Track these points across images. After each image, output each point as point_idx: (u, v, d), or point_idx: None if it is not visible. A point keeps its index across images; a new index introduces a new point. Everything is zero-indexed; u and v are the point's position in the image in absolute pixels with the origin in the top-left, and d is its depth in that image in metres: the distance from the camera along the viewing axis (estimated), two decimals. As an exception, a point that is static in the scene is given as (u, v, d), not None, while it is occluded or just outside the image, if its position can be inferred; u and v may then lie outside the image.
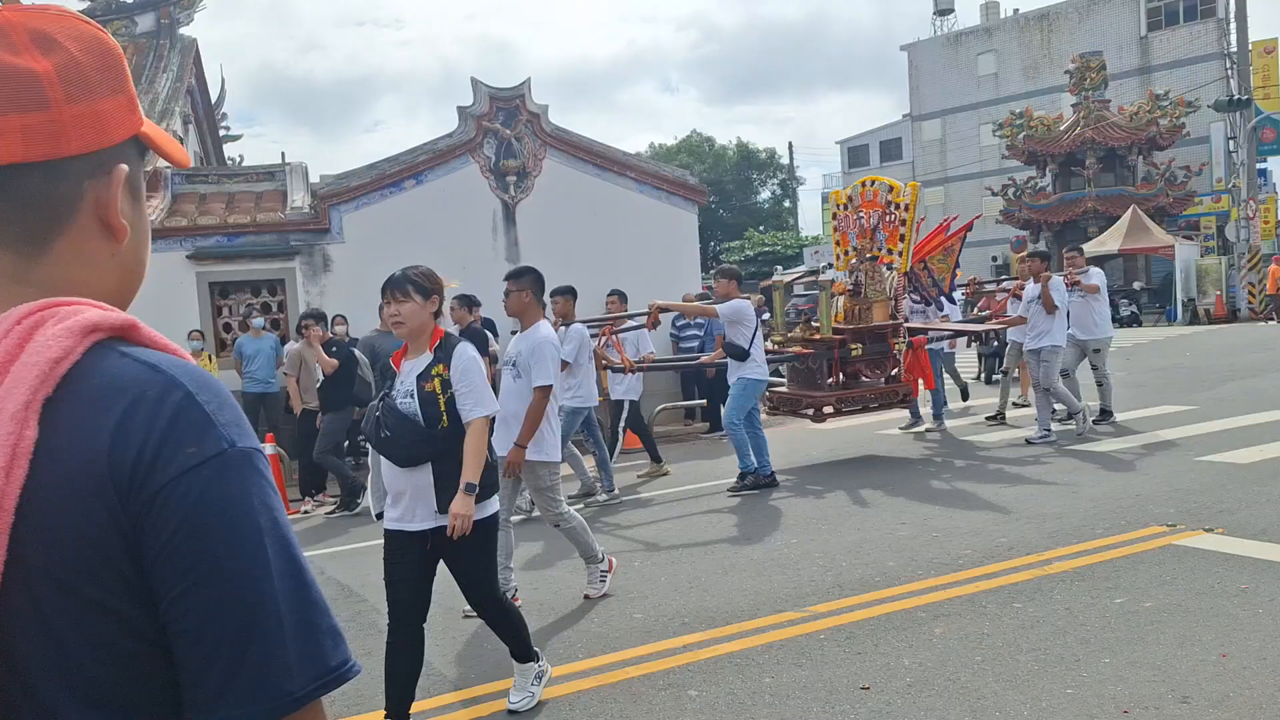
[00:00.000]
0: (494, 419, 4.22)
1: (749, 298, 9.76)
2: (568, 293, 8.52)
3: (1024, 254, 11.56)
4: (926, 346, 10.82)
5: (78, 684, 0.79)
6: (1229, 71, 32.25)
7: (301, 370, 9.90)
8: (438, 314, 3.92)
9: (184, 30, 17.10)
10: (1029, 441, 9.83)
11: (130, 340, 0.87)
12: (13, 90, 0.85)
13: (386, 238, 12.95)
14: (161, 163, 13.74)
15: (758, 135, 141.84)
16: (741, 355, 8.43)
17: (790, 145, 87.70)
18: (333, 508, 9.37)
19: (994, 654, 4.44)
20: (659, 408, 12.29)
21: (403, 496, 3.87)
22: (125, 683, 0.80)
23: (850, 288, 10.31)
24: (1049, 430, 9.93)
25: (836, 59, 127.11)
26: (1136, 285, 30.88)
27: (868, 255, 10.26)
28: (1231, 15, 29.35)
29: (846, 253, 10.65)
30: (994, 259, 39.78)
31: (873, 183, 10.44)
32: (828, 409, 9.88)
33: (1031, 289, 10.07)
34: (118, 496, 0.79)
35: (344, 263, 12.96)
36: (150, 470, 0.79)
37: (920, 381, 10.75)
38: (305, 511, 9.47)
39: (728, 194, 58.09)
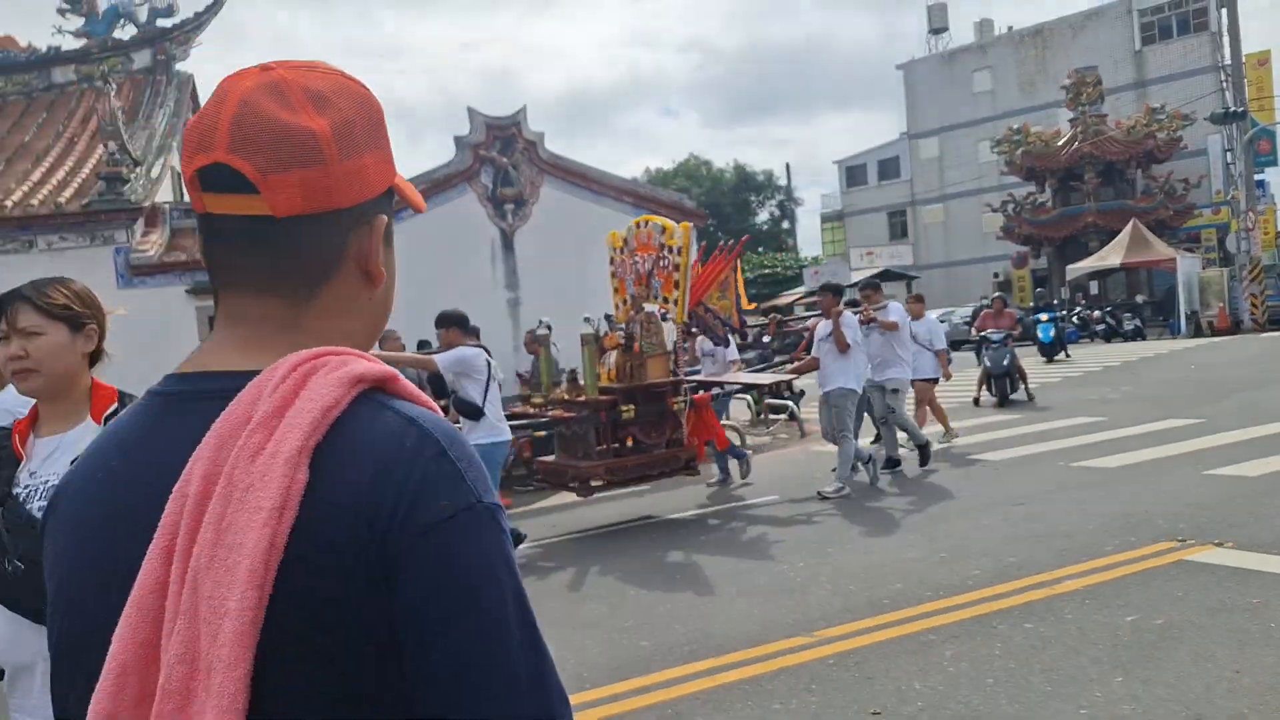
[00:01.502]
0: None
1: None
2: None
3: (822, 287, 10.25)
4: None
5: (318, 714, 0.82)
6: (1224, 84, 32.37)
7: None
8: (96, 357, 2.41)
9: (180, 66, 17.20)
10: (822, 495, 8.84)
11: (389, 392, 0.90)
12: (293, 148, 0.90)
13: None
14: (160, 198, 13.80)
15: (757, 157, 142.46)
16: (475, 414, 7.25)
17: (788, 166, 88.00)
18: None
19: (1006, 676, 4.37)
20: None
21: (34, 677, 2.30)
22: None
23: (622, 341, 8.95)
24: (844, 484, 8.96)
25: (834, 79, 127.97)
26: (1139, 299, 30.85)
27: (643, 304, 9.11)
28: (1224, 28, 29.52)
29: (625, 301, 9.40)
30: (996, 275, 39.78)
31: (646, 223, 9.32)
32: (595, 481, 8.64)
33: (824, 327, 9.24)
34: (374, 543, 0.82)
35: (344, 294, 12.97)
36: (406, 520, 0.82)
37: (711, 443, 9.82)
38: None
39: (726, 216, 58.24)
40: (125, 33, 17.06)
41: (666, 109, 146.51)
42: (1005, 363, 14.28)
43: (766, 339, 17.29)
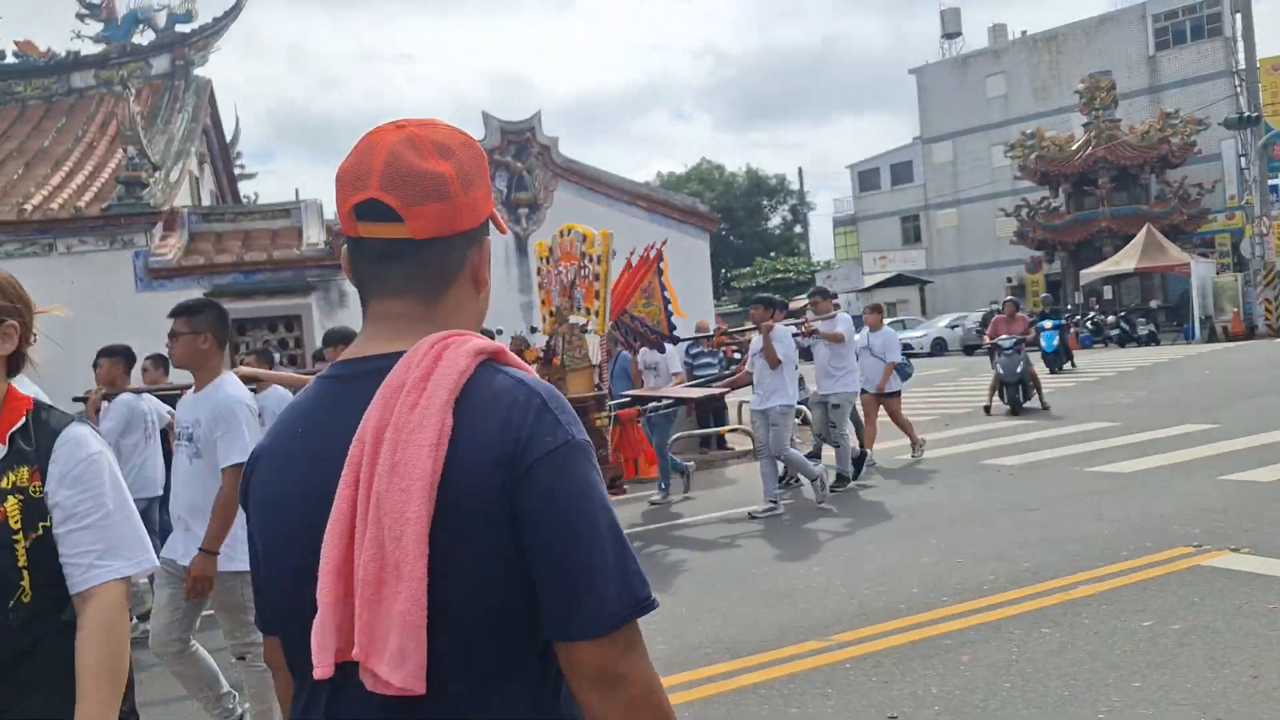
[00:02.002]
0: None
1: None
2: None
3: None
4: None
5: (474, 602, 1.13)
6: (1238, 89, 32.17)
7: None
8: (16, 364, 1.98)
9: (198, 71, 17.34)
10: (752, 516, 8.61)
11: (500, 361, 1.21)
12: (429, 187, 1.20)
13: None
14: (180, 202, 13.91)
15: (770, 160, 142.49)
16: None
17: (800, 170, 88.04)
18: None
19: (1023, 680, 4.38)
20: (674, 436, 12.26)
21: None
22: (502, 602, 1.13)
23: (541, 355, 8.71)
24: (775, 501, 8.70)
25: (847, 83, 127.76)
26: (1153, 304, 30.74)
27: (567, 316, 8.72)
28: (1239, 34, 29.36)
29: (552, 313, 9.04)
30: (1009, 280, 39.68)
31: (569, 231, 8.95)
32: None
33: (756, 341, 8.84)
34: (502, 470, 1.12)
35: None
36: (523, 452, 1.12)
37: (637, 461, 9.55)
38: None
39: (738, 220, 58.28)
40: (144, 38, 17.23)
41: (679, 113, 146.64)
42: (1018, 370, 13.98)
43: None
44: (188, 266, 12.65)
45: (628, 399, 9.49)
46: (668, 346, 10.00)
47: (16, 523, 1.82)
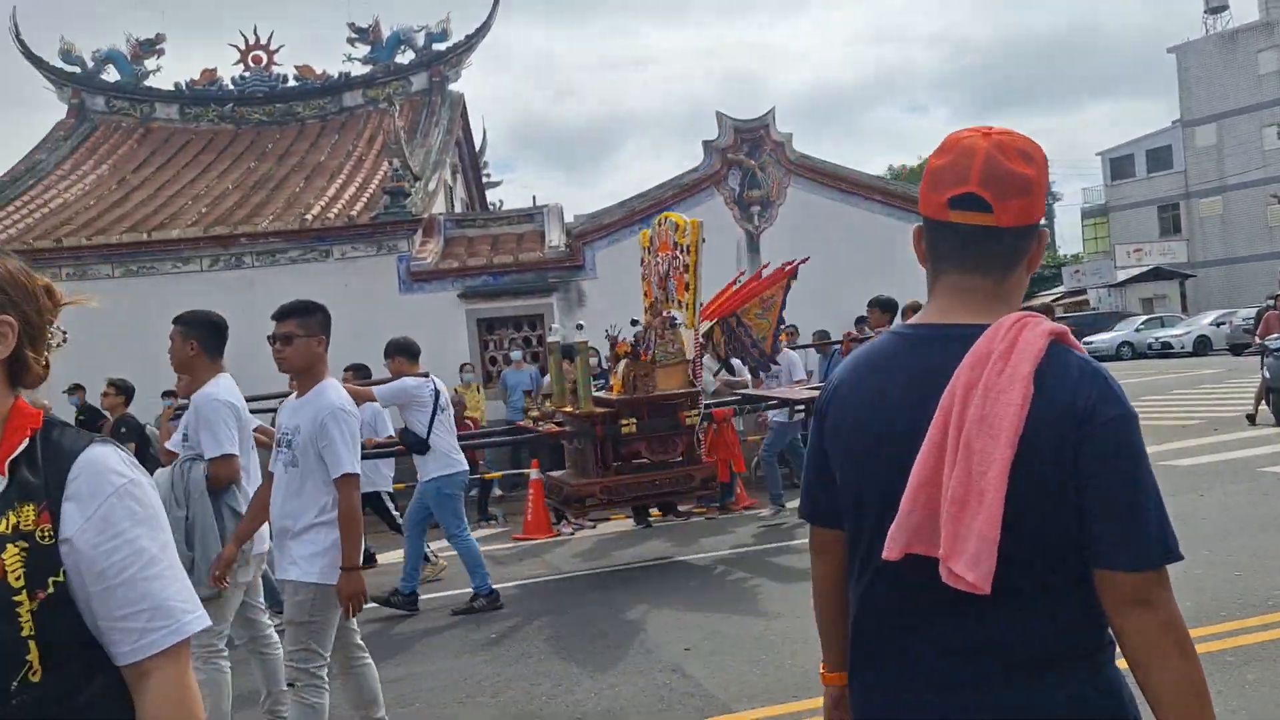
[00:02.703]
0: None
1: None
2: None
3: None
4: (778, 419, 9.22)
5: (1037, 528, 1.42)
6: None
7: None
8: (17, 372, 1.48)
9: (452, 86, 18.54)
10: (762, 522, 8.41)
11: (1065, 342, 1.47)
12: (1016, 185, 1.48)
13: (636, 272, 13.41)
14: (436, 210, 14.95)
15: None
16: (420, 446, 6.85)
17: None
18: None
19: (1320, 704, 4.01)
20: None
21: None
22: (1058, 531, 1.42)
23: (630, 349, 8.16)
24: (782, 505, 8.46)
25: (1097, 66, 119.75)
26: None
27: (662, 309, 8.30)
28: None
29: (650, 305, 8.67)
30: (1283, 273, 35.90)
31: (665, 220, 8.58)
32: (590, 500, 7.75)
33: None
34: (1071, 428, 1.40)
35: (597, 297, 13.52)
36: (1089, 418, 1.40)
37: (730, 463, 9.30)
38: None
39: (974, 215, 55.64)
40: (405, 58, 18.61)
41: (913, 105, 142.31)
42: None
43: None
44: (443, 269, 13.57)
45: (736, 399, 9.24)
46: (789, 353, 9.84)
47: (18, 579, 1.33)
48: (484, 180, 24.05)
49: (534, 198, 20.87)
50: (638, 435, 7.73)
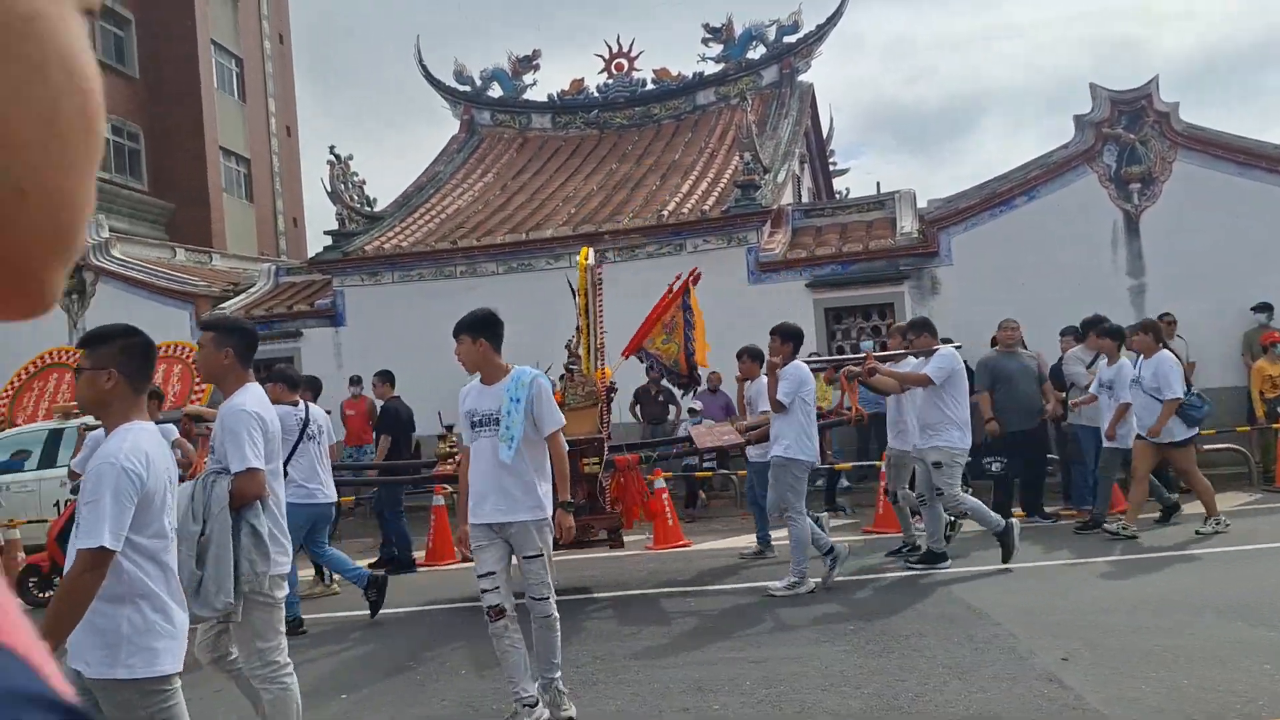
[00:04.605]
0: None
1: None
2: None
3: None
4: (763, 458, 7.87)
5: None
6: None
7: None
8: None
9: (802, 78, 18.61)
10: (770, 594, 7.07)
11: None
12: None
13: (996, 258, 12.75)
14: (784, 201, 15.11)
15: None
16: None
17: None
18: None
19: None
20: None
21: None
22: None
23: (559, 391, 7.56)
24: (802, 575, 7.08)
25: None
26: None
27: (571, 348, 7.88)
28: None
29: (568, 345, 8.20)
30: None
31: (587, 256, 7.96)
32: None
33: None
34: None
35: (953, 285, 13.02)
36: None
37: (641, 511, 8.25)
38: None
39: None
40: (756, 53, 18.94)
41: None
42: None
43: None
44: (791, 260, 13.69)
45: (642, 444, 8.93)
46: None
47: None
48: (831, 168, 23.94)
49: (878, 184, 20.45)
50: None
